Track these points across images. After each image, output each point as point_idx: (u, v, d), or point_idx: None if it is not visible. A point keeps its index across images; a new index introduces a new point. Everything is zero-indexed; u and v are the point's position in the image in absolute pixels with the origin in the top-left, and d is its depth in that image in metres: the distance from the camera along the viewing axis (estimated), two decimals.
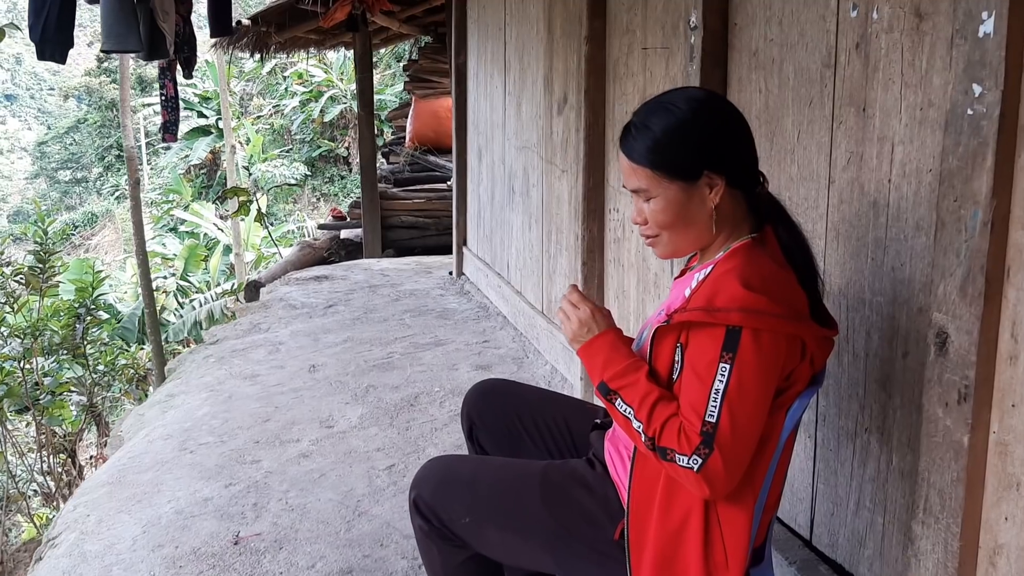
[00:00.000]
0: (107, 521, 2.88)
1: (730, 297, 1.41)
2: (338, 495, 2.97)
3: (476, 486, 1.72)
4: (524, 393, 2.04)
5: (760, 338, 1.40)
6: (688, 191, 1.52)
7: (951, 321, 1.51)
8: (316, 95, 21.20)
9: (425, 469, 1.80)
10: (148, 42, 4.52)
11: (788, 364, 1.46)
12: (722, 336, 1.41)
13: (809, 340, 1.48)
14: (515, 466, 1.77)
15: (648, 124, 1.52)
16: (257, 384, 4.17)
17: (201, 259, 15.06)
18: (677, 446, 1.42)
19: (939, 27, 1.62)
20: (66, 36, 4.18)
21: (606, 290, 3.44)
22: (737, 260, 1.49)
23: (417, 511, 1.74)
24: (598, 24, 3.27)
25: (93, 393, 7.64)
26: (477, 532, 1.70)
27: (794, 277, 1.51)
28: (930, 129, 1.66)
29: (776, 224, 1.58)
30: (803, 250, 1.58)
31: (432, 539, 1.75)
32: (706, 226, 1.55)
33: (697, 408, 1.41)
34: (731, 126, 1.55)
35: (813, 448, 2.14)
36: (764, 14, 2.21)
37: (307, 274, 7.02)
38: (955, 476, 1.54)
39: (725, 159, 1.52)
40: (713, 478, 1.40)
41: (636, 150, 1.53)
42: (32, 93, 44.82)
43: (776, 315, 1.40)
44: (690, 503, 1.49)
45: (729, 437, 1.39)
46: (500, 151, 5.16)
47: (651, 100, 1.58)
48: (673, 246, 1.59)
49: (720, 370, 1.40)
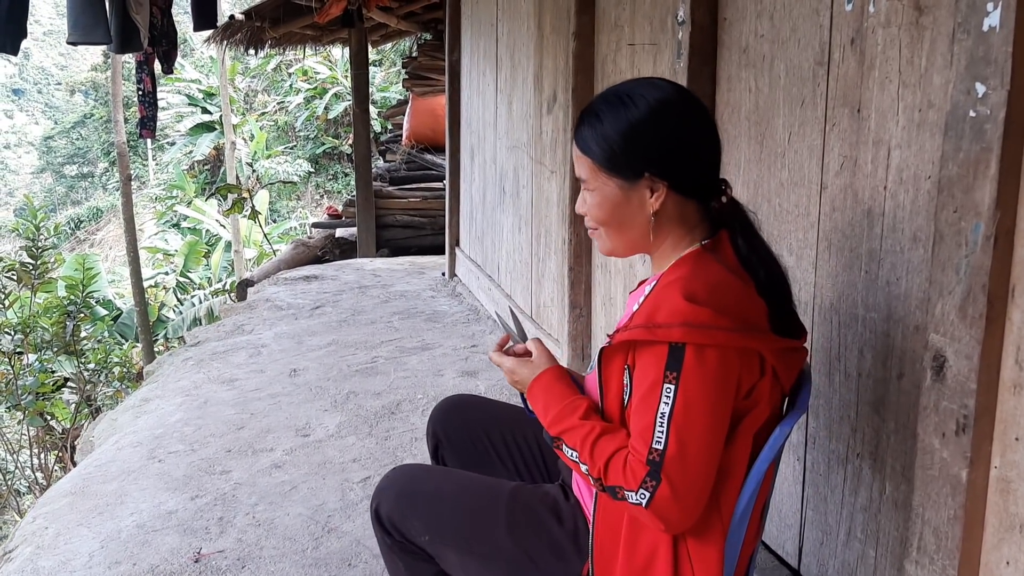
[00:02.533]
0: (65, 535, 2.75)
1: (671, 311, 1.28)
2: (308, 509, 2.83)
3: (438, 502, 1.60)
4: (493, 409, 1.91)
5: (705, 354, 1.26)
6: (626, 191, 1.39)
7: (949, 344, 1.37)
8: (320, 92, 21.12)
9: (388, 478, 1.68)
10: (120, 34, 4.37)
11: (744, 381, 1.32)
12: (665, 354, 1.27)
13: (767, 353, 1.34)
14: (483, 484, 1.64)
15: (600, 114, 1.40)
16: (235, 389, 4.03)
17: (202, 255, 14.98)
18: (624, 482, 1.30)
19: (940, 21, 1.48)
20: (19, 27, 4.02)
21: (593, 296, 3.31)
22: (683, 271, 1.36)
23: (378, 522, 1.63)
24: (586, 20, 3.14)
25: (85, 390, 7.53)
26: (437, 551, 1.59)
27: (750, 285, 1.37)
28: (929, 132, 1.52)
29: (732, 229, 1.44)
30: (762, 256, 1.43)
31: (395, 552, 1.64)
32: (643, 231, 1.42)
33: (644, 435, 1.28)
34: (689, 131, 1.40)
35: (802, 471, 2.01)
36: (755, 8, 2.07)
37: (297, 273, 6.89)
38: (952, 514, 1.40)
39: (672, 165, 1.38)
40: (665, 512, 1.27)
41: (583, 137, 1.42)
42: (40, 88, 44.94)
43: (722, 328, 1.27)
44: (656, 539, 1.36)
45: (678, 465, 1.26)
46: (492, 150, 5.03)
47: (612, 88, 1.44)
48: (611, 243, 1.47)
49: (664, 391, 1.27)
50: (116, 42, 4.38)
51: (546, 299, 3.96)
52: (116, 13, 4.29)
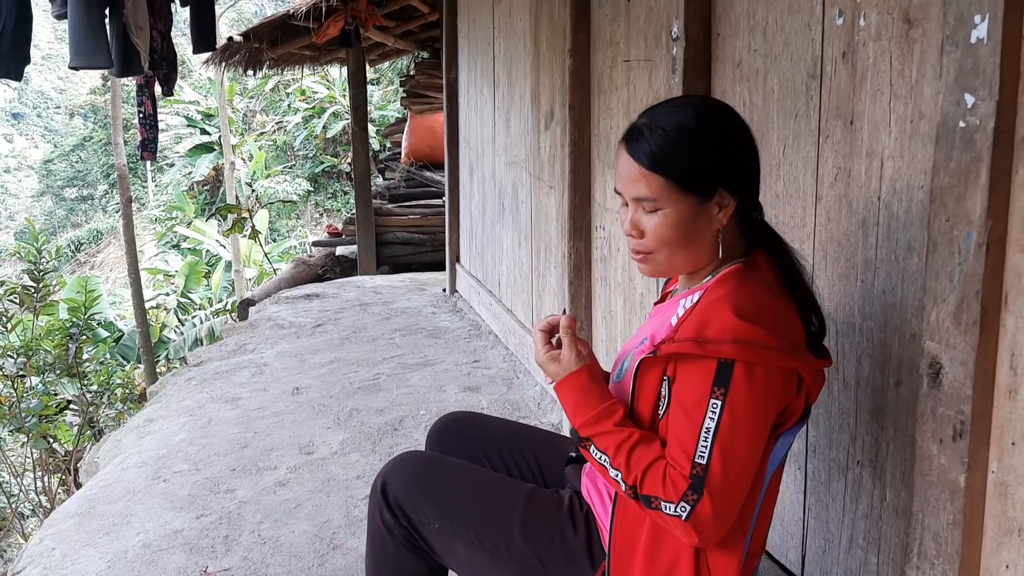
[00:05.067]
0: (72, 555, 2.76)
1: (722, 327, 1.29)
2: (313, 527, 2.85)
3: (454, 492, 1.60)
4: (491, 427, 1.92)
5: (754, 372, 1.28)
6: (698, 208, 1.38)
7: (944, 351, 1.39)
8: (319, 111, 21.21)
9: (401, 460, 1.67)
10: (121, 58, 4.41)
11: (784, 399, 1.35)
12: (713, 370, 1.29)
13: (806, 373, 1.36)
14: (501, 482, 1.65)
15: (661, 125, 1.38)
16: (238, 408, 4.05)
17: (202, 276, 15.01)
18: (663, 493, 1.30)
19: (929, 33, 1.51)
20: (22, 53, 4.04)
21: (593, 310, 3.33)
22: (729, 287, 1.37)
23: (384, 501, 1.61)
24: (582, 37, 3.16)
25: (88, 412, 7.54)
26: (444, 542, 1.58)
27: (791, 306, 1.40)
28: (921, 143, 1.54)
29: (771, 249, 1.46)
30: (800, 277, 1.46)
31: (392, 536, 1.62)
32: (708, 248, 1.42)
33: (686, 449, 1.29)
34: (745, 140, 1.44)
35: (803, 480, 2.02)
36: (748, 23, 2.10)
37: (298, 292, 6.91)
38: (951, 519, 1.41)
39: (739, 177, 1.40)
40: (703, 526, 1.29)
41: (646, 153, 1.38)
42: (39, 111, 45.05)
43: (772, 347, 1.29)
44: (678, 548, 1.38)
45: (720, 481, 1.28)
46: (491, 167, 5.06)
47: (657, 104, 1.46)
48: (668, 265, 1.44)
49: (711, 407, 1.28)
50: (117, 66, 4.41)
51: (547, 313, 3.97)
52: (117, 37, 4.32)
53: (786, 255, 1.47)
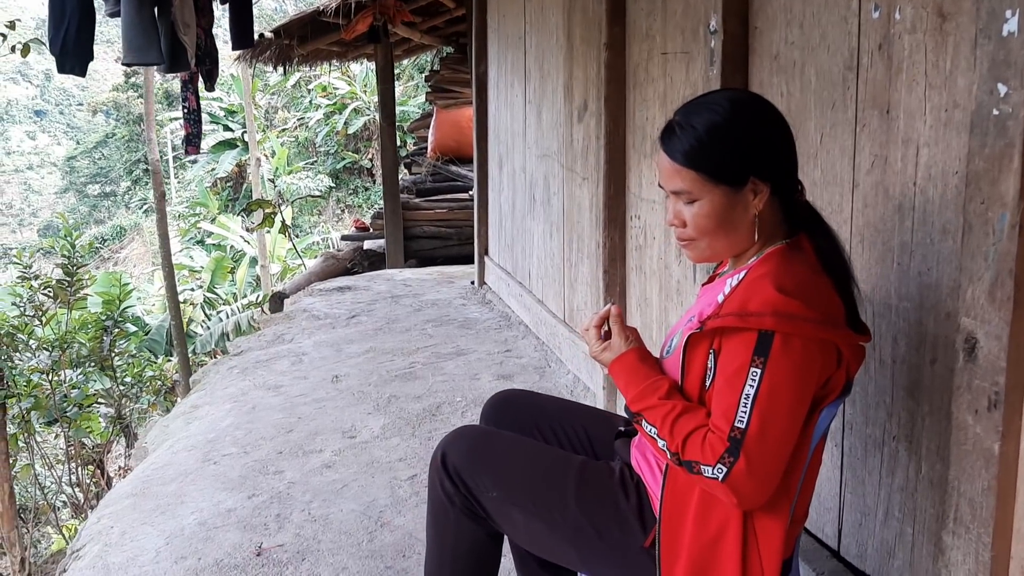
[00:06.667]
0: (130, 533, 2.88)
1: (763, 301, 1.39)
2: (360, 506, 2.96)
3: (511, 462, 1.70)
4: (543, 403, 2.01)
5: (792, 343, 1.37)
6: (733, 196, 1.49)
7: (980, 326, 1.48)
8: (340, 107, 21.35)
9: (459, 433, 1.77)
10: (169, 55, 4.54)
11: (824, 371, 1.44)
12: (754, 340, 1.38)
13: (844, 347, 1.45)
14: (554, 453, 1.74)
15: (692, 123, 1.48)
16: (280, 395, 4.17)
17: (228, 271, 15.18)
18: (701, 457, 1.40)
19: (962, 27, 1.59)
20: (86, 50, 4.21)
21: (628, 298, 3.41)
22: (771, 265, 1.47)
23: (445, 471, 1.71)
24: (617, 30, 3.25)
25: (121, 405, 7.71)
26: (502, 510, 1.68)
27: (830, 284, 1.48)
28: (955, 131, 1.63)
29: (812, 230, 1.56)
30: (839, 257, 1.55)
31: (453, 504, 1.71)
32: (747, 232, 1.52)
33: (727, 414, 1.39)
34: (777, 130, 1.52)
35: (840, 457, 2.11)
36: (785, 17, 2.18)
37: (330, 285, 7.04)
38: (986, 485, 1.50)
39: (771, 165, 1.49)
40: (740, 487, 1.37)
41: (679, 150, 1.49)
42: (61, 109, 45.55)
43: (810, 320, 1.38)
44: (727, 513, 1.46)
45: (757, 444, 1.37)
46: (521, 160, 5.15)
47: (693, 100, 1.55)
48: (711, 251, 1.56)
49: (751, 375, 1.38)
50: (166, 62, 4.56)
51: (579, 303, 4.07)
52: (165, 35, 4.45)
53: (824, 234, 1.56)
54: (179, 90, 5.67)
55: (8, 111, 42.95)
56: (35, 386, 6.55)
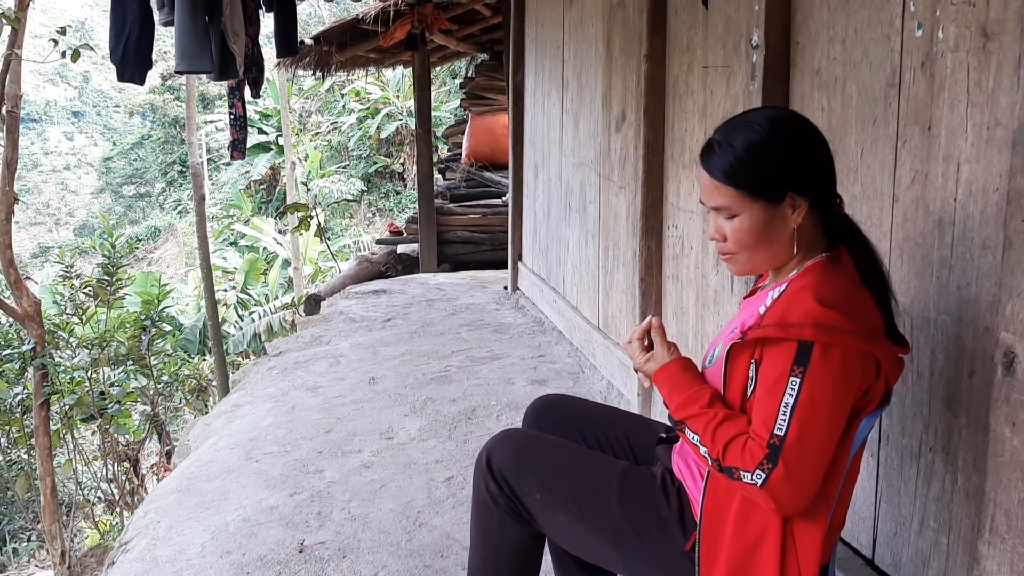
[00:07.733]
0: (177, 527, 2.97)
1: (804, 313, 1.43)
2: (399, 505, 3.02)
3: (554, 465, 1.74)
4: (584, 408, 2.06)
5: (831, 354, 1.42)
6: (771, 211, 1.54)
7: (1019, 341, 1.51)
8: (373, 112, 21.52)
9: (504, 436, 1.82)
10: (219, 63, 4.66)
11: (863, 382, 1.47)
12: (794, 351, 1.43)
13: (883, 359, 1.49)
14: (597, 458, 1.79)
15: (731, 141, 1.54)
16: (319, 396, 4.26)
17: (260, 273, 15.39)
18: (741, 463, 1.44)
19: (1006, 46, 1.63)
20: (145, 58, 4.34)
21: (664, 307, 3.45)
22: (812, 277, 1.51)
23: (490, 472, 1.76)
24: (658, 43, 3.30)
25: (156, 403, 7.85)
26: (545, 511, 1.72)
27: (870, 296, 1.53)
28: (997, 148, 1.66)
29: (852, 244, 1.60)
30: (878, 270, 1.59)
31: (497, 505, 1.76)
32: (786, 246, 1.57)
33: (767, 422, 1.43)
34: (814, 147, 1.57)
35: (876, 467, 2.13)
36: (827, 33, 2.22)
37: (365, 288, 7.13)
38: (1022, 496, 1.53)
39: (808, 181, 1.54)
40: (778, 492, 1.42)
41: (719, 168, 1.55)
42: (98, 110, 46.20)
43: (849, 331, 1.42)
44: (767, 519, 1.51)
45: (795, 451, 1.41)
46: (557, 168, 5.21)
47: (732, 118, 1.60)
48: (752, 264, 1.61)
49: (790, 384, 1.42)
50: (217, 70, 4.68)
51: (614, 310, 4.11)
52: (216, 43, 4.57)
53: (863, 247, 1.60)
54: (218, 94, 5.80)
55: (47, 112, 43.65)
56: (77, 383, 6.69)
